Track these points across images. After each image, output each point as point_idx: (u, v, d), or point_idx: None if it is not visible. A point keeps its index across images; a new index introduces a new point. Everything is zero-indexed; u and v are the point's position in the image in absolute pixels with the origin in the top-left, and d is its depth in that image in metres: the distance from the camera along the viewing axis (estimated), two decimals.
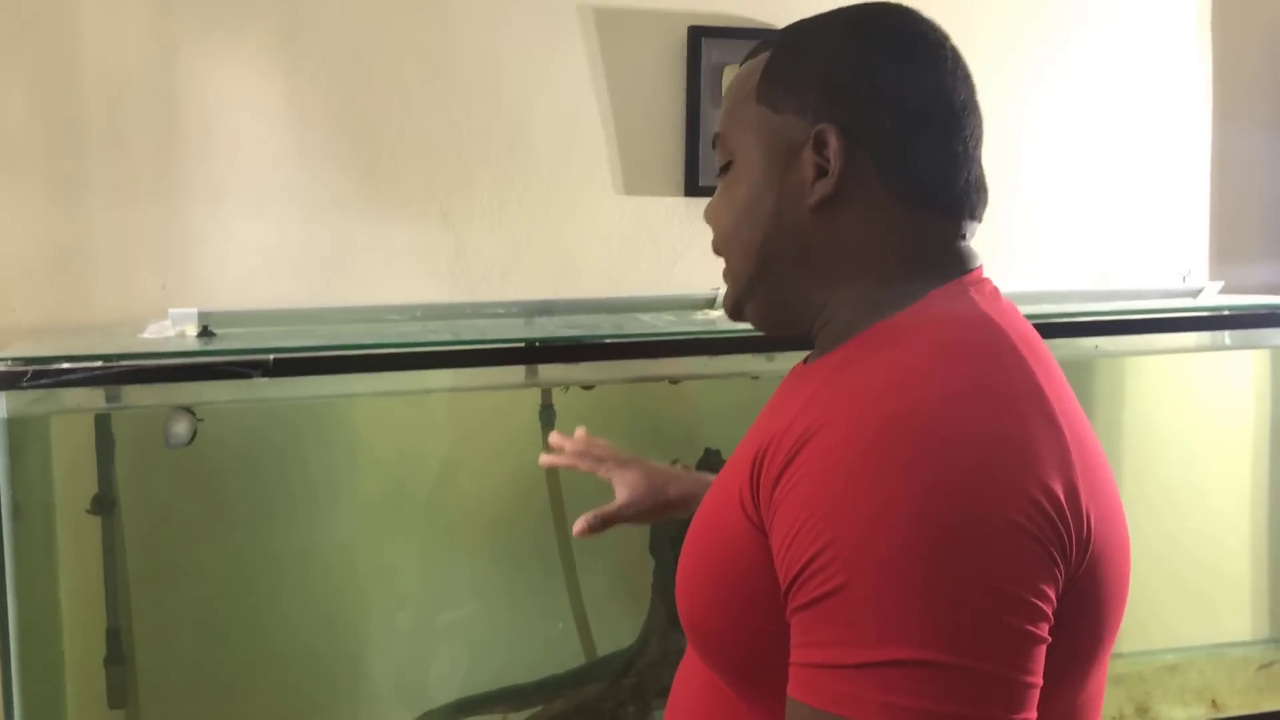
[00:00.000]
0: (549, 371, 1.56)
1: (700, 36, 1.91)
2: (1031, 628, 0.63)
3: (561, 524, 1.66)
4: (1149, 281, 2.12)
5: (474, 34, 1.85)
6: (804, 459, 0.70)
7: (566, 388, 1.63)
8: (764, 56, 0.88)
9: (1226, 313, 1.79)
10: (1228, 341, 1.83)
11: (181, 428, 1.32)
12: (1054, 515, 0.65)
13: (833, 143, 0.82)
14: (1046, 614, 0.64)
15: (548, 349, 1.50)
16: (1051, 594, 0.64)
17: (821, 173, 0.82)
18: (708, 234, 0.92)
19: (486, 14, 1.86)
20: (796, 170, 0.84)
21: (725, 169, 0.90)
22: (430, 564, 1.69)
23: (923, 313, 0.79)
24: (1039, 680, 0.63)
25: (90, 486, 1.55)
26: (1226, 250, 2.24)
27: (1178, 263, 2.10)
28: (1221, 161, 2.23)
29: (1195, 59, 2.21)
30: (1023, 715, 0.62)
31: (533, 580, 1.70)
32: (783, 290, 0.87)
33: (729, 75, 1.93)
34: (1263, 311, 1.76)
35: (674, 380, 1.68)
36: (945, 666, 0.61)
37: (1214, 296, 1.89)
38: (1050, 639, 0.64)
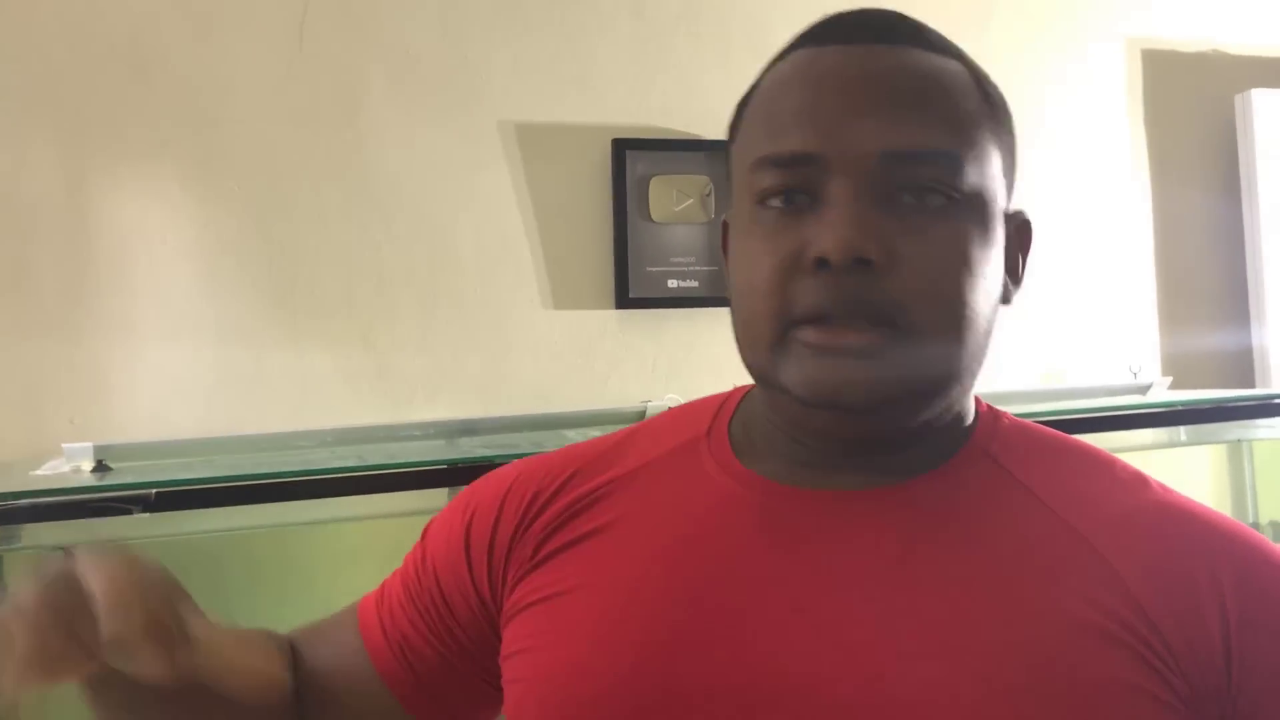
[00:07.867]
0: None
1: (624, 149, 1.89)
2: None
3: None
4: (1099, 378, 2.06)
5: (393, 154, 1.83)
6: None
7: None
8: (970, 77, 0.68)
9: (1179, 408, 1.73)
10: (1183, 437, 1.77)
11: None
12: None
13: (1030, 238, 0.71)
14: None
15: (465, 469, 1.43)
16: None
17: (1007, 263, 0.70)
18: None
19: (405, 134, 1.83)
20: (993, 248, 0.67)
21: (930, 196, 0.64)
22: None
23: (1038, 429, 0.76)
24: None
25: None
26: (1175, 339, 2.19)
27: (1127, 357, 2.04)
28: (1165, 252, 2.20)
29: (1131, 151, 2.20)
30: None
31: None
32: (961, 388, 0.71)
33: (656, 186, 1.89)
34: (1208, 406, 1.69)
35: None
36: None
37: (1164, 392, 1.82)
38: None
